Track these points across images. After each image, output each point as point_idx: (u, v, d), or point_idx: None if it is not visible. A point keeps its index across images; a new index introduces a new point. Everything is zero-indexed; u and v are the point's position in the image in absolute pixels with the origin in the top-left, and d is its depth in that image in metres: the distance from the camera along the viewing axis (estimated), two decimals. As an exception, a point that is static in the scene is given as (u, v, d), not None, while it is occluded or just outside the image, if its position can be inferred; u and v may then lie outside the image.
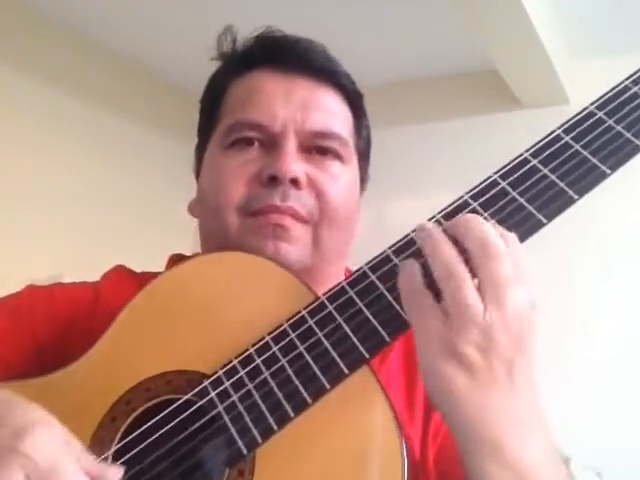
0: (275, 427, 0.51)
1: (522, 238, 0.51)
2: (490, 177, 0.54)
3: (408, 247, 0.54)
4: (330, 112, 0.70)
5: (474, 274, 0.49)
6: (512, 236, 0.50)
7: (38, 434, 0.46)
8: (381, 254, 0.55)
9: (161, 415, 0.54)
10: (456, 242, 0.50)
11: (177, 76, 2.93)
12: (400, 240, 0.55)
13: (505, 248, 0.49)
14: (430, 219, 0.54)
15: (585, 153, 0.53)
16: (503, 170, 0.55)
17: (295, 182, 0.65)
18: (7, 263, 2.18)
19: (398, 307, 0.51)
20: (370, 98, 0.78)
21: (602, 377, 2.30)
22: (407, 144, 2.78)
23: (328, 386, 0.51)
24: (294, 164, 0.66)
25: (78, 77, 2.61)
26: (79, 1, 2.40)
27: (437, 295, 0.49)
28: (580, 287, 2.41)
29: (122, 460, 0.52)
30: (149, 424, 0.53)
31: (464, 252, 0.49)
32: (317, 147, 0.69)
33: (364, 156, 0.76)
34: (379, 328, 0.51)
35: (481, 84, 2.69)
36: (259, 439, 0.51)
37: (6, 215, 2.27)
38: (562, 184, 0.52)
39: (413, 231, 0.54)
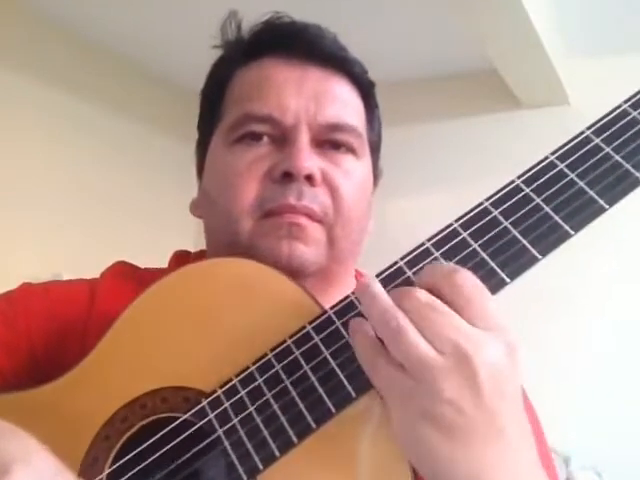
0: (277, 454, 0.48)
1: (515, 275, 0.48)
2: (481, 204, 0.51)
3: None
4: (343, 102, 0.66)
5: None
6: (464, 275, 0.46)
7: (21, 471, 0.43)
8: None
9: (157, 436, 0.51)
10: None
11: (176, 76, 2.92)
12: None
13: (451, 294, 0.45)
14: (419, 246, 0.51)
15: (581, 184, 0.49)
16: (493, 198, 0.51)
17: (310, 179, 0.61)
18: (7, 263, 2.18)
19: None
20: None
21: (602, 377, 2.30)
22: (407, 144, 2.78)
23: (334, 410, 0.48)
24: (309, 159, 0.61)
25: (78, 77, 2.61)
26: (79, 1, 2.39)
27: None
28: (578, 286, 2.41)
29: None
30: (144, 446, 0.51)
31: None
32: (330, 140, 0.65)
33: (376, 150, 0.71)
34: None
35: (481, 84, 2.69)
36: (260, 466, 0.48)
37: (6, 215, 2.27)
38: (557, 217, 0.49)
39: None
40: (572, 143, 0.51)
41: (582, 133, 0.52)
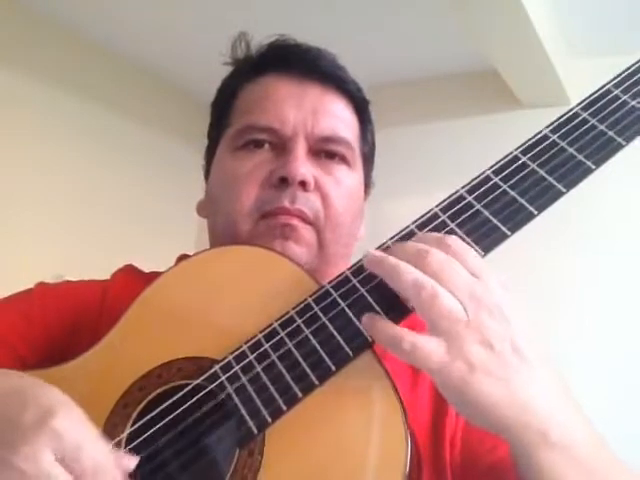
0: (284, 408, 0.52)
1: (487, 249, 0.54)
2: (458, 191, 0.58)
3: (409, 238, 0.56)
4: (338, 117, 0.73)
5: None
6: (452, 238, 0.52)
7: (65, 413, 0.47)
8: (383, 244, 0.57)
9: (171, 400, 0.55)
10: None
11: (179, 78, 2.93)
12: (401, 230, 0.57)
13: (442, 252, 0.51)
14: (404, 229, 0.57)
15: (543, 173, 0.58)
16: (470, 185, 0.58)
17: (303, 184, 0.68)
18: (8, 264, 2.18)
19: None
20: (370, 98, 0.79)
21: (602, 377, 2.30)
22: (407, 144, 2.78)
23: (334, 368, 0.53)
24: (303, 167, 0.68)
25: (80, 78, 2.61)
26: (80, 1, 2.40)
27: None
28: (572, 287, 2.41)
29: (133, 445, 0.54)
30: (159, 409, 0.55)
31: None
32: (325, 151, 0.72)
33: (368, 161, 0.78)
34: (382, 313, 0.53)
35: (481, 84, 2.69)
36: (269, 419, 0.52)
37: (7, 216, 2.28)
38: (522, 200, 0.56)
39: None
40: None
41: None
